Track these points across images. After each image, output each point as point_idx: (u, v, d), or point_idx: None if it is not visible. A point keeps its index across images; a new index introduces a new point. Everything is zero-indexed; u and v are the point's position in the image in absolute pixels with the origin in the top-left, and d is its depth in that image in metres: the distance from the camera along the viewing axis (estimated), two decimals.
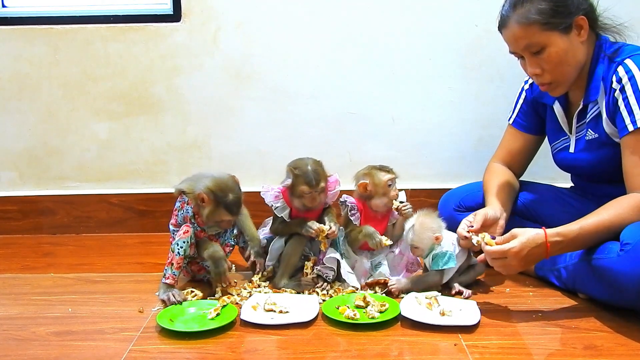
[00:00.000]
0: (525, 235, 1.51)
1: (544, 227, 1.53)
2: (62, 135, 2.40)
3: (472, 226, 1.68)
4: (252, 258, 1.85)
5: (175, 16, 2.31)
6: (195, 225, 1.74)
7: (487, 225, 1.71)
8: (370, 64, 2.36)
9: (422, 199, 2.33)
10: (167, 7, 2.33)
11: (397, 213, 1.82)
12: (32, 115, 2.38)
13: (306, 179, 1.73)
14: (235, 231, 1.88)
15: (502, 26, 1.67)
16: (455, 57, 2.35)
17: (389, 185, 1.80)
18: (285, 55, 2.35)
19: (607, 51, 1.66)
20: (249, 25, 2.33)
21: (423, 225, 1.73)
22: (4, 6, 2.38)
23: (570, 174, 1.94)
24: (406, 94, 2.38)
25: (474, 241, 1.63)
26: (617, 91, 1.60)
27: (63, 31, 2.32)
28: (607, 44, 1.68)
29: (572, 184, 1.96)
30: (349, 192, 1.85)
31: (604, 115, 1.65)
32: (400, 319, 1.55)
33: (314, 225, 1.75)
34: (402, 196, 1.83)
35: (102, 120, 2.39)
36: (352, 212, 1.80)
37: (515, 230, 1.54)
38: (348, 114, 2.39)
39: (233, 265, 1.81)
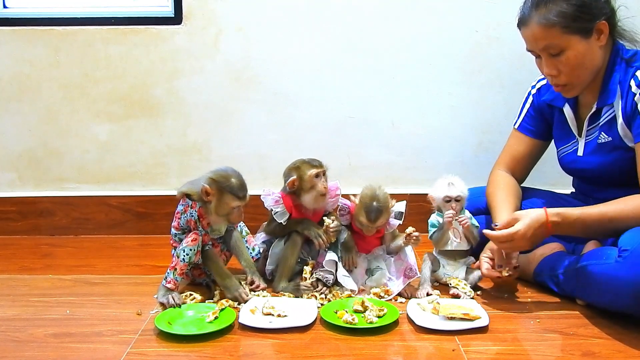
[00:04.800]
0: (529, 217, 1.59)
1: (545, 207, 1.59)
2: (62, 136, 2.40)
3: (501, 265, 1.70)
4: (256, 283, 1.78)
5: (176, 19, 2.32)
6: (201, 229, 1.73)
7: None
8: (370, 68, 2.36)
9: (422, 203, 2.32)
10: (168, 10, 2.33)
11: (392, 221, 1.81)
12: (32, 116, 2.38)
13: (311, 162, 1.79)
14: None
15: (521, 24, 1.66)
16: (456, 62, 2.35)
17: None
18: (286, 59, 2.35)
19: (624, 56, 1.66)
20: (250, 29, 2.33)
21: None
22: (4, 7, 2.37)
23: (572, 179, 1.94)
24: (406, 99, 2.38)
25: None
26: (637, 95, 1.60)
27: (64, 32, 2.33)
28: (623, 49, 1.68)
29: (573, 190, 1.97)
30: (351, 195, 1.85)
31: (620, 119, 1.65)
32: (399, 324, 1.55)
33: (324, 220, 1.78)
34: (402, 206, 1.83)
35: (102, 122, 2.39)
36: (342, 211, 1.81)
37: (517, 213, 1.61)
38: (348, 118, 2.39)
39: (245, 286, 1.76)
